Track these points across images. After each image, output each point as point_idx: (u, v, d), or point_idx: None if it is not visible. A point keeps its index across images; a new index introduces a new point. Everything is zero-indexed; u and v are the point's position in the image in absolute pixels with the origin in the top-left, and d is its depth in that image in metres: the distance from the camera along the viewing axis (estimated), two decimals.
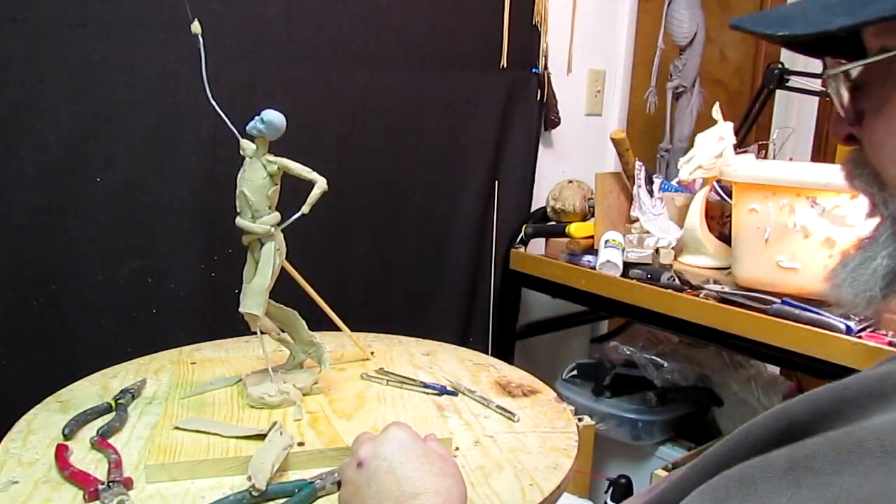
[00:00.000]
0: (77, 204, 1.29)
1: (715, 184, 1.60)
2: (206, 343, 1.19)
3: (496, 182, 1.85)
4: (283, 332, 0.97)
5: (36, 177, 1.24)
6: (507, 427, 0.92)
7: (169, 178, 1.37)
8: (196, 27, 0.83)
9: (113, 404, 0.92)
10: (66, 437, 0.84)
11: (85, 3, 1.24)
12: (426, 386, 1.01)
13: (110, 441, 0.83)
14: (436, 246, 1.79)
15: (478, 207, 1.83)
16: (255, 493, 0.72)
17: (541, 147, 1.97)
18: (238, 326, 0.97)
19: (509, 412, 0.95)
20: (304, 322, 0.96)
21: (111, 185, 1.32)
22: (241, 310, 0.88)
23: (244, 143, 0.88)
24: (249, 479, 0.73)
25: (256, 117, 0.86)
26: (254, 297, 0.87)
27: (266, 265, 0.88)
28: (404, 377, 1.02)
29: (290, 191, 0.91)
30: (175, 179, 1.38)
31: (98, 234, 1.31)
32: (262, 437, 0.80)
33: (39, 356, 1.27)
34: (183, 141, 1.37)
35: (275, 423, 0.82)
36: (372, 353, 1.11)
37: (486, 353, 1.24)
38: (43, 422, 0.88)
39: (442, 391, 1.00)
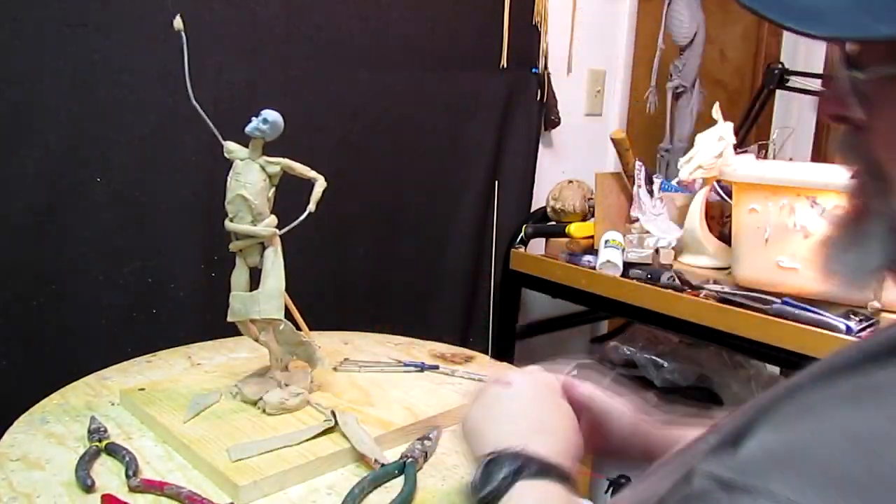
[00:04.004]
0: (77, 204, 1.29)
1: (715, 184, 1.60)
2: (208, 342, 1.20)
3: (496, 182, 1.85)
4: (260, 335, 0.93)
5: (36, 177, 1.24)
6: None
7: (169, 178, 1.37)
8: (178, 23, 0.83)
9: (101, 446, 0.82)
10: (89, 488, 0.74)
11: (85, 3, 1.24)
12: (405, 365, 1.03)
13: (157, 480, 0.76)
14: (436, 246, 1.79)
15: (478, 207, 1.83)
16: (378, 468, 0.77)
17: (541, 147, 1.97)
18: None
19: (480, 376, 1.00)
20: (290, 323, 0.93)
21: (111, 185, 1.32)
22: (259, 315, 0.86)
23: (230, 145, 0.87)
24: (360, 461, 0.79)
25: (256, 118, 0.85)
26: (272, 301, 0.86)
27: (278, 267, 0.87)
28: (375, 362, 1.05)
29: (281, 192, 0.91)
30: (175, 179, 1.38)
31: (98, 234, 1.31)
32: (330, 430, 0.83)
33: (39, 356, 1.27)
34: (183, 141, 1.37)
35: (332, 412, 0.85)
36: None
37: (487, 354, 1.24)
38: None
39: (422, 367, 1.04)
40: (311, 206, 0.85)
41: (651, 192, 1.66)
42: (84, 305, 1.31)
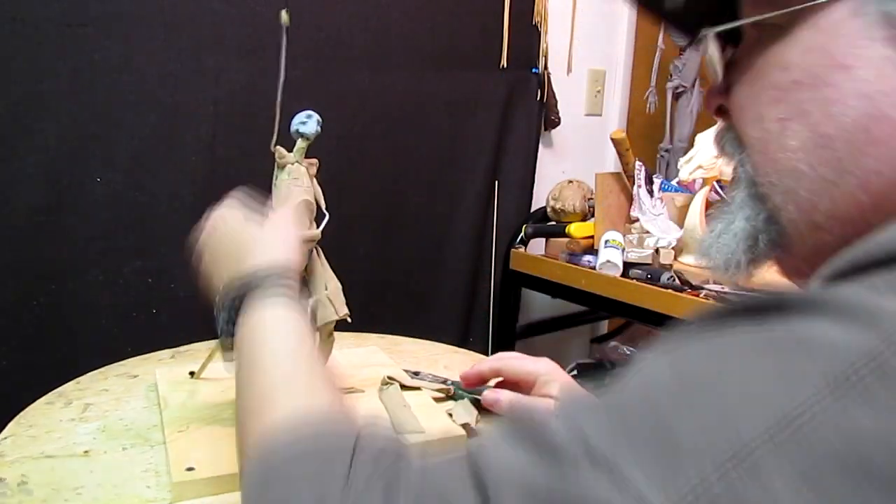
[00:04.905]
0: (77, 204, 1.29)
1: (715, 184, 1.60)
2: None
3: (496, 182, 1.85)
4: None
5: (36, 177, 1.24)
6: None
7: (169, 178, 1.37)
8: (284, 17, 0.79)
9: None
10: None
11: (85, 3, 1.24)
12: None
13: None
14: (436, 246, 1.79)
15: (478, 207, 1.83)
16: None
17: (541, 147, 1.97)
18: None
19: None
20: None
21: (111, 185, 1.32)
22: (338, 316, 0.80)
23: (282, 150, 0.81)
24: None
25: (310, 118, 0.81)
26: (339, 297, 0.81)
27: (328, 265, 0.84)
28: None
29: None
30: (175, 179, 1.38)
31: (98, 234, 1.31)
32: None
33: (39, 356, 1.27)
34: (183, 141, 1.37)
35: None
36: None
37: (487, 354, 1.24)
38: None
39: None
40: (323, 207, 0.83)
41: (651, 192, 1.66)
42: (84, 305, 1.31)
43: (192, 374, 0.92)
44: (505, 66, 1.81)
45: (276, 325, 0.54)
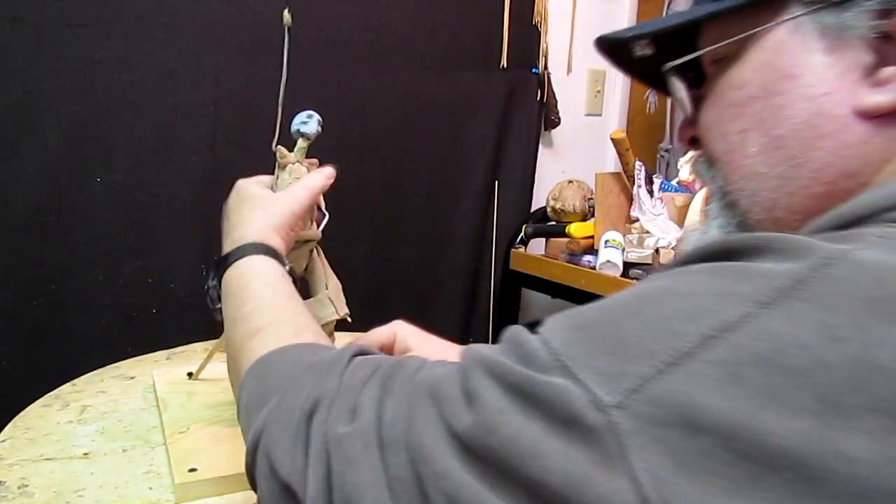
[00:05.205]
0: (77, 204, 1.29)
1: None
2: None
3: (496, 182, 1.85)
4: None
5: (36, 177, 1.24)
6: None
7: (169, 178, 1.37)
8: (287, 18, 0.77)
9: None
10: None
11: (85, 3, 1.24)
12: None
13: None
14: (436, 246, 1.79)
15: (478, 207, 1.83)
16: None
17: (541, 147, 1.97)
18: None
19: None
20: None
21: (111, 185, 1.32)
22: (339, 315, 0.80)
23: (283, 150, 0.81)
24: None
25: (311, 118, 0.81)
26: (340, 297, 0.81)
27: (327, 266, 0.83)
28: None
29: None
30: (175, 179, 1.38)
31: (98, 234, 1.31)
32: None
33: (39, 356, 1.27)
34: (183, 141, 1.37)
35: None
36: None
37: None
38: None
39: None
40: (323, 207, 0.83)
41: (651, 192, 1.66)
42: (84, 305, 1.31)
43: (190, 374, 0.92)
44: (505, 66, 1.81)
45: (259, 271, 0.60)
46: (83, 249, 1.30)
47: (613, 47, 0.52)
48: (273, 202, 0.68)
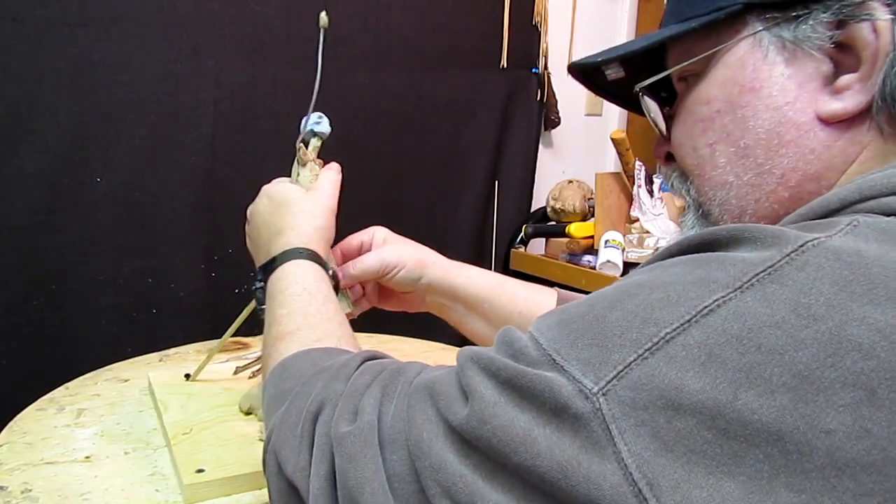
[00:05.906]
0: (77, 204, 1.29)
1: None
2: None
3: (496, 182, 1.85)
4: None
5: (36, 177, 1.24)
6: None
7: (169, 178, 1.37)
8: (324, 19, 0.78)
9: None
10: None
11: (85, 3, 1.24)
12: None
13: None
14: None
15: (478, 207, 1.83)
16: None
17: (541, 147, 1.97)
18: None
19: None
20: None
21: (111, 185, 1.32)
22: (344, 312, 0.80)
23: (304, 148, 0.81)
24: None
25: (322, 119, 0.83)
26: (345, 298, 0.80)
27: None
28: None
29: None
30: (175, 179, 1.38)
31: (98, 234, 1.31)
32: None
33: (39, 356, 1.27)
34: (183, 141, 1.37)
35: None
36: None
37: None
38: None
39: None
40: None
41: (651, 192, 1.66)
42: (84, 305, 1.31)
43: (187, 376, 0.92)
44: (505, 66, 1.81)
45: (299, 276, 0.63)
46: (83, 249, 1.30)
47: (587, 72, 0.54)
48: (311, 203, 0.71)
